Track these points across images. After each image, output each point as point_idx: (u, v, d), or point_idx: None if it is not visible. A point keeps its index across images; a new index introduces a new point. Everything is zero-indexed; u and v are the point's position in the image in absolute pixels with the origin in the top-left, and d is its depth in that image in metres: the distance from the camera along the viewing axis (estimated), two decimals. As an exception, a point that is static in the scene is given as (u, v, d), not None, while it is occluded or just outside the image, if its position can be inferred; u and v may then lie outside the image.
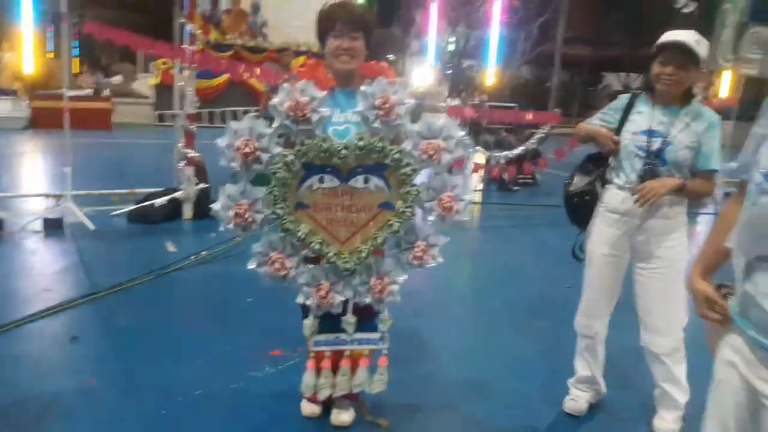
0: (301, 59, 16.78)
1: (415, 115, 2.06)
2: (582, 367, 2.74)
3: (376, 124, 1.99)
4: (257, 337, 3.34)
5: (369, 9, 2.22)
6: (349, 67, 2.22)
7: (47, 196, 5.85)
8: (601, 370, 2.75)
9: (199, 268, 4.53)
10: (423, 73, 19.24)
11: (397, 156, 2.01)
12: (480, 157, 8.94)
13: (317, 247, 2.07)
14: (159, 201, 5.75)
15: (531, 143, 8.63)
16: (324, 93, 1.98)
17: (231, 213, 2.03)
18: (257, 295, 3.98)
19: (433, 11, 19.04)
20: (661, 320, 2.49)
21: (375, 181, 2.06)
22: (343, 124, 2.18)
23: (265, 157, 1.98)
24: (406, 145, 2.05)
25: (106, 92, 15.24)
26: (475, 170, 7.78)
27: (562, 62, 24.01)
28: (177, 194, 5.86)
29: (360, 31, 2.18)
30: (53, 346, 3.17)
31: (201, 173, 6.12)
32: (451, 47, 24.49)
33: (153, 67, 16.49)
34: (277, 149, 2.00)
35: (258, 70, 6.04)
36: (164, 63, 15.94)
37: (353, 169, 2.04)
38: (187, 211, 5.92)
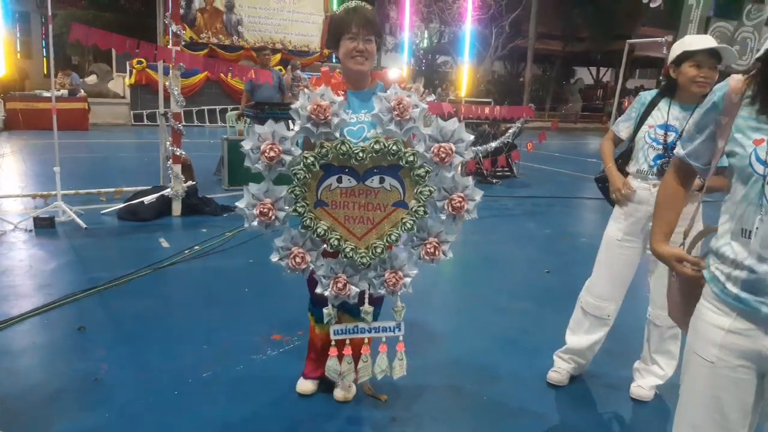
0: (278, 56, 16.84)
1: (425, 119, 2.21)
2: (574, 340, 2.93)
3: (391, 126, 2.10)
4: (257, 323, 3.50)
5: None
6: (364, 69, 2.38)
7: (35, 196, 5.90)
8: (594, 349, 2.93)
9: (194, 262, 4.66)
10: (398, 70, 19.40)
11: (411, 158, 2.13)
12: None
13: (335, 242, 2.21)
14: (148, 198, 5.85)
15: (507, 137, 8.88)
16: (341, 98, 2.11)
17: (255, 211, 2.16)
18: (253, 286, 4.15)
19: (407, 7, 19.19)
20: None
21: (390, 181, 2.19)
22: (356, 124, 2.34)
23: (287, 159, 2.11)
24: (419, 148, 2.16)
25: (81, 93, 15.09)
26: (469, 168, 8.05)
27: (534, 57, 24.42)
28: (166, 191, 5.96)
29: (373, 35, 2.35)
30: (61, 337, 3.29)
31: (187, 170, 6.23)
32: (425, 43, 24.72)
33: (128, 67, 16.40)
34: (298, 151, 2.13)
35: (252, 72, 6.17)
36: (139, 62, 15.85)
37: (369, 169, 2.17)
38: (177, 208, 6.03)
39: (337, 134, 2.13)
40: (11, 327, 3.29)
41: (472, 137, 2.18)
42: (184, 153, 6.01)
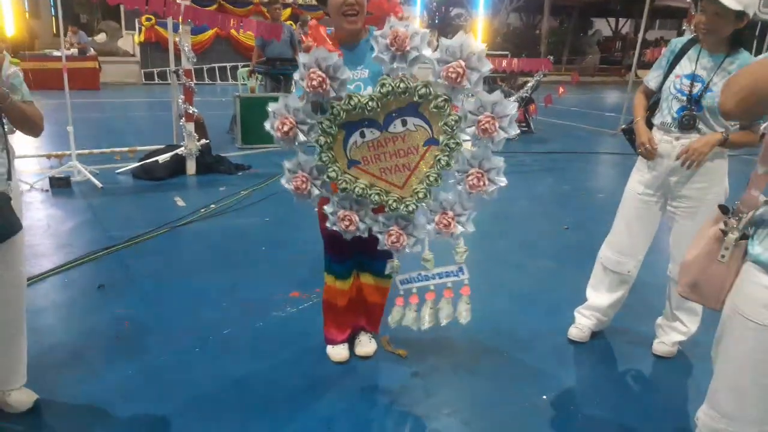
0: (288, 11, 16.51)
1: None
2: (595, 297, 2.90)
3: (395, 63, 1.96)
4: (275, 281, 3.50)
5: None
6: (357, 27, 2.24)
7: (50, 156, 5.90)
8: (617, 307, 2.91)
9: (210, 221, 4.66)
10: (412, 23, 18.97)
11: (423, 91, 1.99)
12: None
13: (376, 198, 2.14)
14: (162, 157, 5.82)
15: (524, 91, 8.68)
16: (337, 56, 1.95)
17: (293, 185, 2.14)
18: (270, 244, 4.14)
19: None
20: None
21: (413, 121, 2.07)
22: (353, 82, 2.21)
23: (304, 128, 2.04)
24: (430, 75, 2.00)
25: (91, 51, 14.96)
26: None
27: (551, 8, 23.74)
28: (180, 150, 5.93)
29: None
30: (81, 296, 3.32)
31: (200, 129, 6.18)
32: (439, -5, 24.08)
33: (137, 24, 16.18)
34: (313, 119, 2.06)
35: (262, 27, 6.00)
36: (148, 19, 15.62)
37: (389, 115, 2.06)
38: (191, 167, 6.00)
39: (343, 92, 2.01)
40: (32, 286, 3.31)
41: (482, 47, 2.00)
42: (196, 111, 5.95)
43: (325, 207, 2.20)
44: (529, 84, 8.69)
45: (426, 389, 2.53)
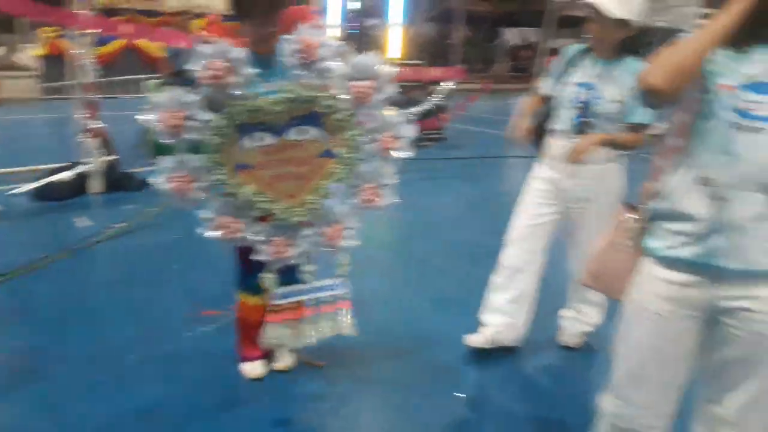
0: (200, 22, 16.12)
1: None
2: (493, 306, 2.87)
3: (301, 71, 1.95)
4: (187, 300, 3.38)
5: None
6: (270, 49, 2.13)
7: (-64, 178, 5.44)
8: (521, 307, 2.84)
9: (117, 241, 4.43)
10: (329, 33, 19.02)
11: (328, 102, 1.97)
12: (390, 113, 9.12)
13: (264, 206, 2.06)
14: (65, 176, 5.49)
15: (437, 99, 8.87)
16: (242, 52, 1.90)
17: (172, 185, 1.98)
18: (181, 262, 4.00)
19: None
20: (586, 251, 2.64)
21: (311, 131, 2.03)
22: (266, 94, 2.11)
23: (194, 125, 1.93)
24: (337, 89, 2.00)
25: (-15, 65, 13.98)
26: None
27: (465, 18, 24.44)
28: (83, 168, 5.63)
29: (277, 16, 2.09)
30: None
31: (106, 145, 5.90)
32: (355, 5, 24.25)
33: (36, 37, 15.28)
34: (206, 115, 1.94)
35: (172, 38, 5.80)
36: (54, 31, 14.78)
37: (287, 122, 2.00)
38: (96, 185, 5.70)
39: (245, 92, 1.94)
40: None
41: (392, 70, 2.03)
42: (101, 126, 5.67)
43: (201, 212, 2.07)
44: (442, 92, 8.89)
45: (344, 399, 2.51)
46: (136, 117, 1.97)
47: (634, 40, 2.45)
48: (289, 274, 2.26)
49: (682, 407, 1.58)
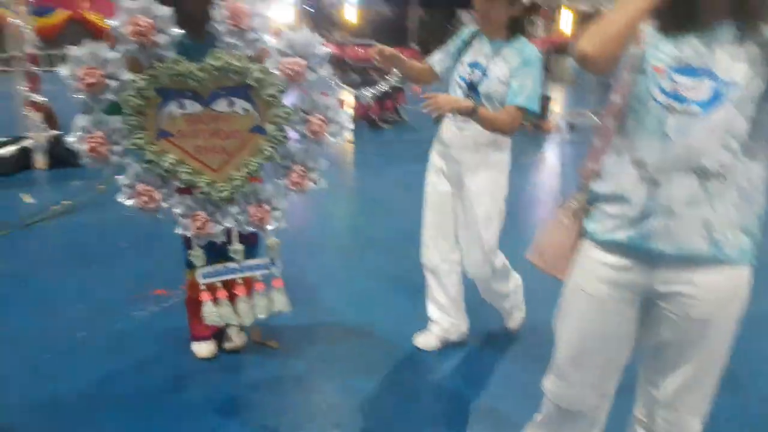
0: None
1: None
2: (431, 309, 2.81)
3: (231, 39, 1.85)
4: (136, 279, 3.33)
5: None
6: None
7: None
8: (455, 306, 2.78)
9: (63, 219, 4.31)
10: (283, 12, 18.68)
11: (258, 75, 1.88)
12: (347, 95, 9.09)
13: (186, 177, 1.97)
14: (5, 150, 5.28)
15: (394, 81, 8.87)
16: (169, 10, 1.78)
17: (86, 146, 1.87)
18: (131, 240, 3.92)
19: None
20: (467, 243, 2.61)
21: (241, 104, 1.93)
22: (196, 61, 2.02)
23: (113, 84, 1.81)
24: (269, 64, 1.91)
25: None
26: (341, 106, 7.91)
27: (420, 0, 24.39)
28: (26, 142, 5.42)
29: None
30: None
31: (50, 119, 5.69)
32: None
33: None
34: (127, 75, 1.83)
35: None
36: (-14, -2, 14.03)
37: (214, 92, 1.91)
38: (40, 160, 5.51)
39: (170, 54, 1.84)
40: None
41: (327, 50, 1.95)
42: (44, 100, 5.46)
43: (120, 177, 1.97)
44: (398, 74, 8.88)
45: (300, 381, 2.52)
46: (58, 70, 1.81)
47: (520, 20, 2.40)
48: (222, 252, 2.20)
49: (623, 386, 1.62)
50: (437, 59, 2.63)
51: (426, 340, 2.80)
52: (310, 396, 2.43)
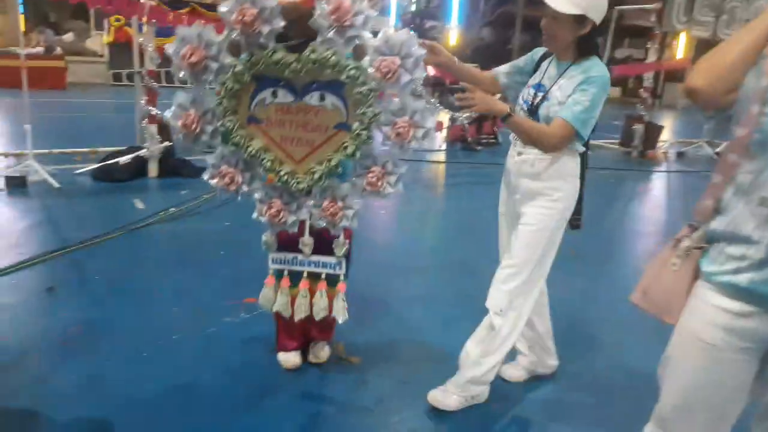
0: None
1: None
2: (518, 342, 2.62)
3: (331, 35, 1.85)
4: (231, 286, 3.46)
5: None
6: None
7: (7, 155, 5.75)
8: (542, 341, 2.67)
9: (169, 224, 4.59)
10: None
11: (353, 72, 1.87)
12: (444, 116, 9.11)
13: (269, 164, 1.99)
14: (124, 159, 5.72)
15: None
16: (275, 2, 1.82)
17: (179, 122, 1.93)
18: (228, 248, 4.10)
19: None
20: (503, 272, 2.38)
21: (331, 99, 1.94)
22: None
23: (214, 66, 1.86)
24: (365, 62, 1.90)
25: (58, 50, 14.66)
26: (439, 129, 7.91)
27: (523, 24, 24.09)
28: (142, 152, 5.84)
29: None
30: (30, 298, 3.22)
31: (164, 131, 6.10)
32: (413, 7, 24.30)
33: (107, 24, 15.91)
34: (228, 59, 1.88)
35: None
36: (117, 20, 15.37)
37: (308, 84, 1.92)
38: (153, 169, 5.92)
39: (271, 43, 1.87)
40: (-22, 287, 3.22)
41: (423, 51, 1.90)
42: (160, 113, 5.87)
43: (208, 157, 2.02)
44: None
45: (378, 400, 2.51)
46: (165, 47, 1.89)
47: (590, 39, 2.18)
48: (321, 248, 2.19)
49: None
50: (504, 70, 2.49)
51: (512, 372, 2.71)
52: (390, 418, 2.40)
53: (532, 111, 2.23)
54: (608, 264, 4.45)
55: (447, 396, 2.46)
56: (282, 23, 1.85)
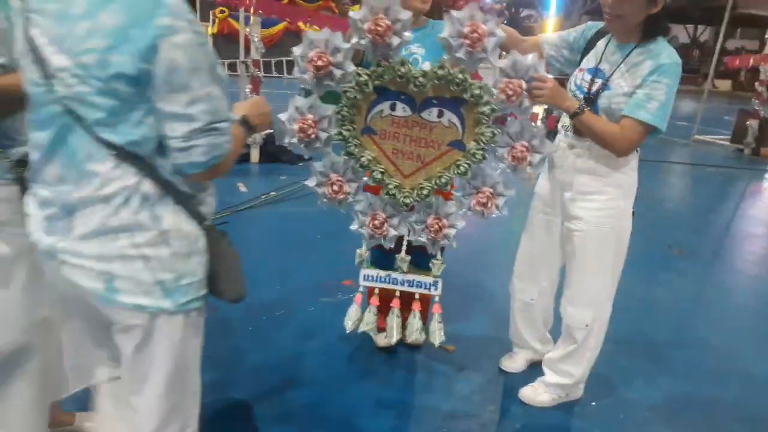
0: (357, 7, 16.66)
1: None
2: (512, 332, 2.63)
3: (460, 54, 1.81)
4: (328, 268, 3.57)
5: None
6: (426, 8, 2.25)
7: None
8: (538, 334, 2.60)
9: (270, 207, 4.81)
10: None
11: (477, 92, 1.84)
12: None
13: (378, 176, 1.98)
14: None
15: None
16: (409, 14, 1.78)
17: (295, 126, 1.90)
18: (326, 232, 4.23)
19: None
20: (576, 287, 2.24)
21: (449, 116, 1.92)
22: (409, 56, 2.15)
23: (338, 73, 1.83)
24: (489, 81, 1.88)
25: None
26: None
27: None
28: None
29: None
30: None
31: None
32: (509, -4, 23.77)
33: (211, 16, 16.72)
34: (352, 67, 1.85)
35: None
36: (221, 11, 16.10)
37: (428, 99, 1.90)
38: (255, 155, 6.19)
39: (397, 55, 1.85)
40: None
41: (550, 77, 1.86)
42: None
43: (316, 164, 2.01)
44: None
45: (472, 393, 2.51)
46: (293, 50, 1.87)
47: (660, 19, 1.94)
48: (389, 261, 2.17)
49: None
50: (551, 40, 2.25)
51: (509, 364, 2.68)
52: (483, 413, 2.39)
53: (590, 100, 2.02)
54: (716, 265, 4.20)
55: (538, 394, 2.43)
56: (411, 36, 1.85)
